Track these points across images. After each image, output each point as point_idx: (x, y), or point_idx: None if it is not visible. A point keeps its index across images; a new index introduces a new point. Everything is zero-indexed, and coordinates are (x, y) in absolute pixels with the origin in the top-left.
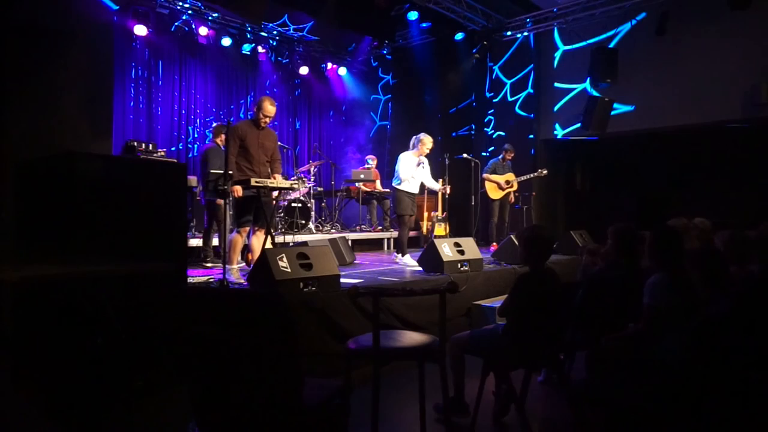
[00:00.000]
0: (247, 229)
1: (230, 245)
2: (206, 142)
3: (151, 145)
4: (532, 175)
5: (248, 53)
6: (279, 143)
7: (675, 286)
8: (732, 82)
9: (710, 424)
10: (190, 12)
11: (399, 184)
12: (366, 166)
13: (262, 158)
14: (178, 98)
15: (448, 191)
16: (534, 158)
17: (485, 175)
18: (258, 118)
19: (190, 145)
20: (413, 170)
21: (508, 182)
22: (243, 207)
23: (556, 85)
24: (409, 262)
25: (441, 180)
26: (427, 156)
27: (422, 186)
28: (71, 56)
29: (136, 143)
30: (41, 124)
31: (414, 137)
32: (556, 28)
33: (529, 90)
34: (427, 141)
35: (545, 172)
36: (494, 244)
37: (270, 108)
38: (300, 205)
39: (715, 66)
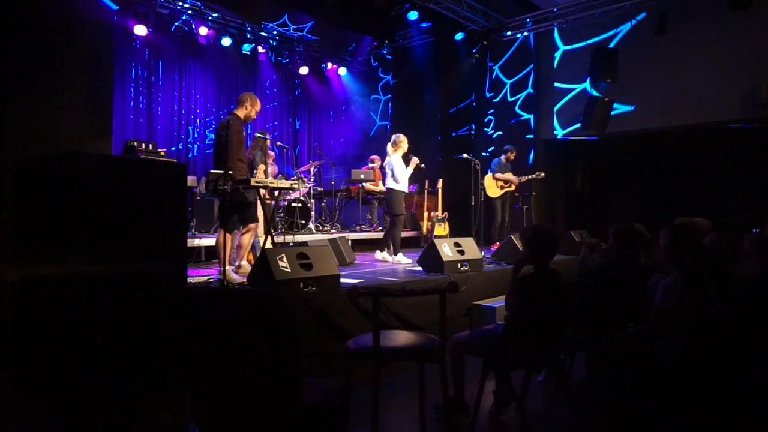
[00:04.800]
0: (256, 226)
1: (242, 244)
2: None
3: (151, 145)
4: (530, 177)
5: (248, 53)
6: (279, 143)
7: (691, 287)
8: (732, 82)
9: (711, 424)
10: (190, 12)
11: (397, 184)
12: (369, 166)
13: None
14: (178, 98)
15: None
16: (534, 158)
17: (496, 175)
18: (252, 115)
19: (190, 145)
20: (406, 170)
21: (506, 182)
22: (249, 206)
23: (556, 85)
24: (402, 260)
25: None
26: (420, 156)
27: (423, 185)
28: (71, 56)
29: (136, 143)
30: (41, 124)
31: (394, 136)
32: (556, 28)
33: (529, 90)
34: (404, 139)
35: (543, 174)
36: (496, 243)
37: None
38: (300, 205)
39: (715, 66)
